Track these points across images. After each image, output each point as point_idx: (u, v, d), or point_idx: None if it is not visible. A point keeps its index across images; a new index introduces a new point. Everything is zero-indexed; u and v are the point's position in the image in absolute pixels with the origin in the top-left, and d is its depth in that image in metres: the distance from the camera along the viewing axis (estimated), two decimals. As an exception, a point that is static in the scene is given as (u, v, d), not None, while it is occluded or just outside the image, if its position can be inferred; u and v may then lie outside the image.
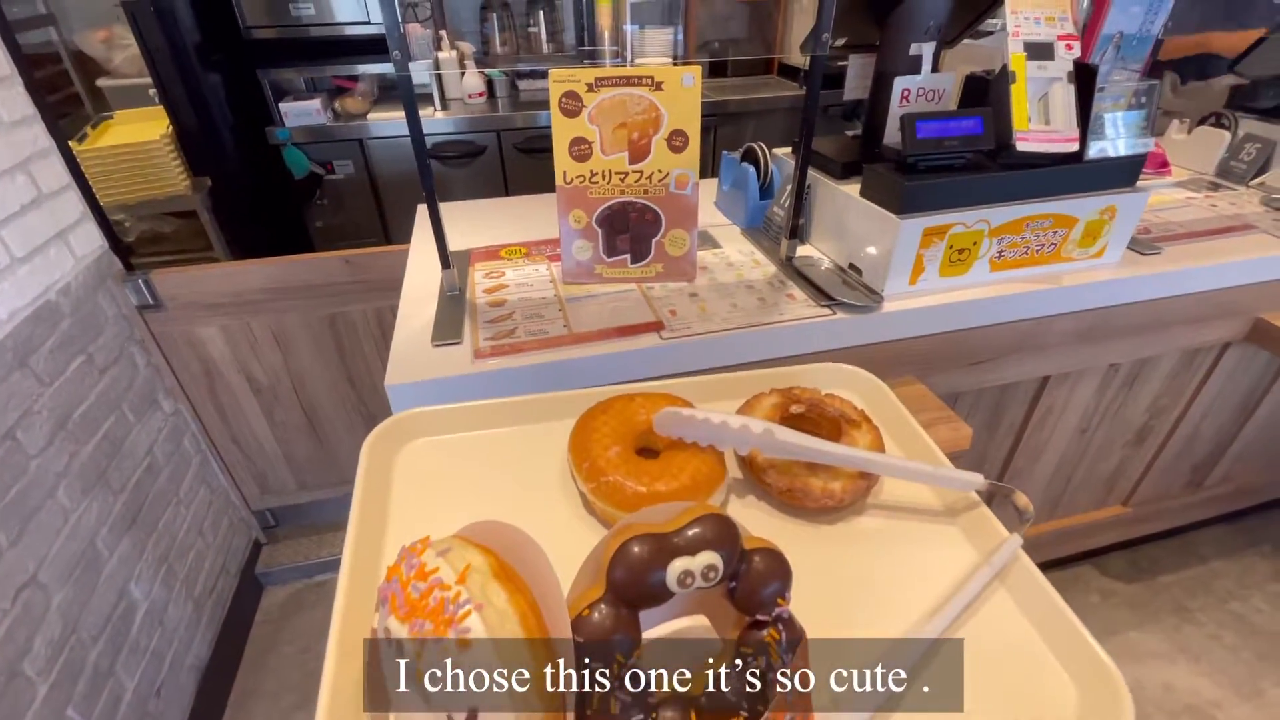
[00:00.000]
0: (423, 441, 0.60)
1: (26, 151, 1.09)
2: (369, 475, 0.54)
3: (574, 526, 0.52)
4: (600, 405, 0.58)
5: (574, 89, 0.92)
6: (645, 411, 0.56)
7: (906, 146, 0.86)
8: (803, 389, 0.59)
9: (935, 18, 0.96)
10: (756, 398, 0.59)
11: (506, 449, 0.60)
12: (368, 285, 1.34)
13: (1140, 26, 0.91)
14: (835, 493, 0.50)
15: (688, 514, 0.36)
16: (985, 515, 0.50)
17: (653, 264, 1.00)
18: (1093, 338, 1.08)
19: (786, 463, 0.52)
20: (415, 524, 0.51)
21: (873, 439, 0.55)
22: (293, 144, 2.09)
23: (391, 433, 0.59)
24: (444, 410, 0.61)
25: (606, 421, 0.55)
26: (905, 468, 0.51)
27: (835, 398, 0.59)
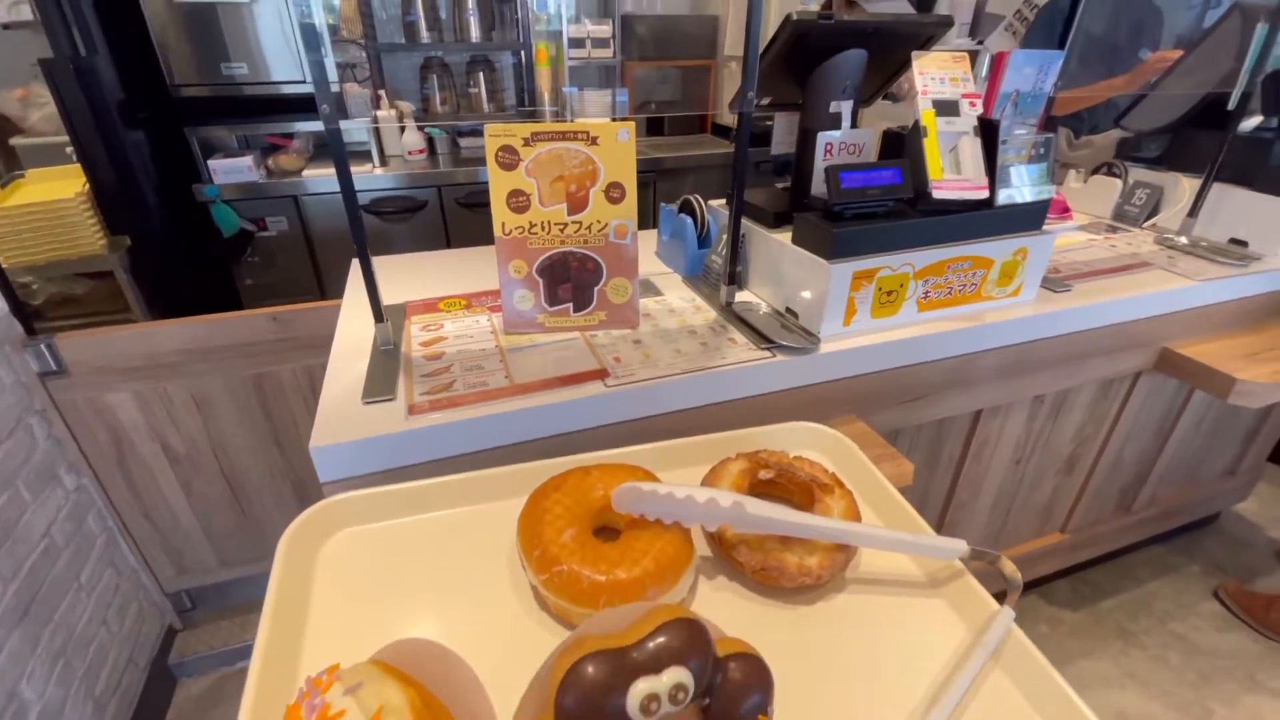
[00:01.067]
0: (350, 532, 0.55)
1: (-86, 210, 1.01)
2: (285, 577, 0.48)
3: (524, 627, 0.47)
4: (552, 481, 0.53)
5: (510, 143, 0.92)
6: (603, 486, 0.52)
7: (832, 196, 0.90)
8: (770, 452, 0.57)
9: (851, 78, 1.02)
10: (723, 464, 0.56)
11: (447, 536, 0.55)
12: (297, 343, 1.29)
13: (1034, 85, 0.99)
14: (812, 569, 0.47)
15: (650, 619, 0.32)
16: (972, 586, 0.48)
17: (596, 312, 1.00)
18: (1017, 372, 1.13)
19: (759, 538, 0.49)
20: (337, 633, 0.46)
21: (847, 505, 0.52)
22: (222, 201, 2.02)
23: (313, 524, 0.53)
24: (374, 494, 0.56)
25: (560, 500, 0.51)
26: (886, 538, 0.48)
27: (805, 461, 0.57)
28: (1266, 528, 1.94)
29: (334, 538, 0.54)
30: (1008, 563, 0.48)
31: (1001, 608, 0.45)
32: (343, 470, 0.75)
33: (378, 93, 2.30)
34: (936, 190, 0.92)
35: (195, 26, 1.94)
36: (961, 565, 0.49)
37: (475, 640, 0.44)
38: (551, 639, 0.35)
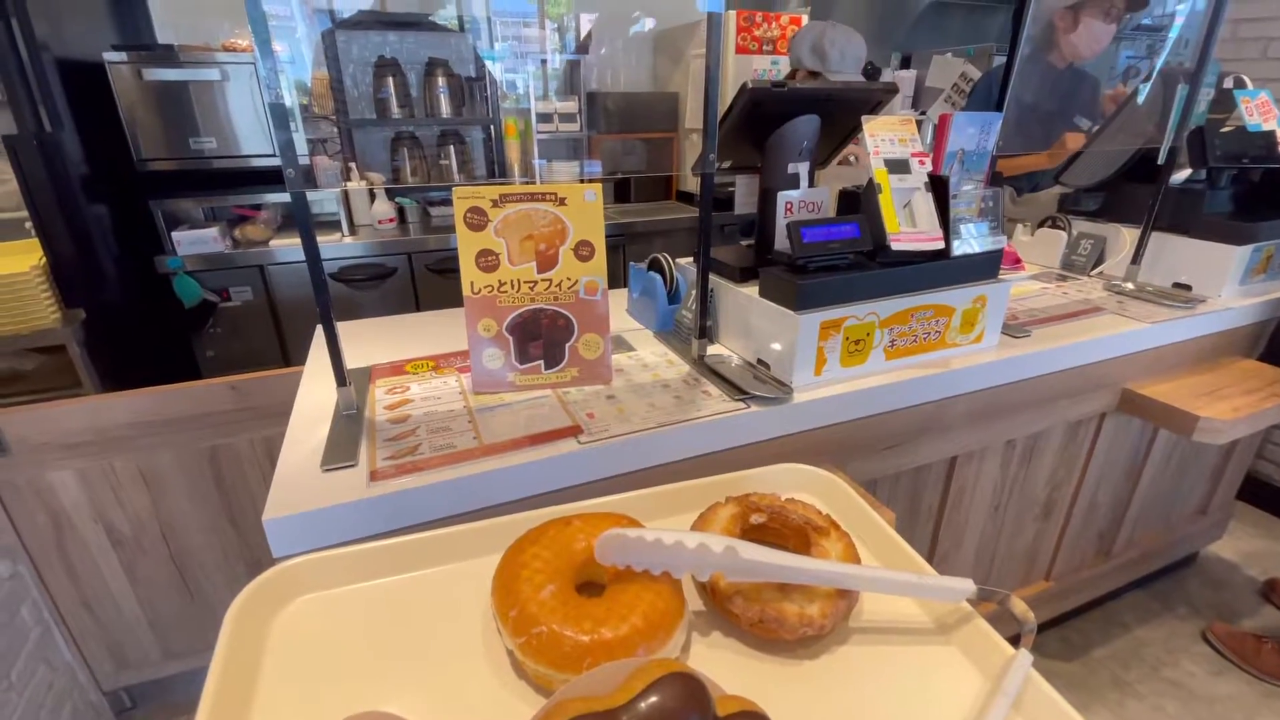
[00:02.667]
0: (306, 600, 0.51)
1: None
2: (233, 651, 0.43)
3: (499, 698, 0.43)
4: (530, 535, 0.50)
5: (479, 204, 0.94)
6: (585, 537, 0.49)
7: (795, 250, 0.92)
8: (761, 495, 0.55)
9: (807, 141, 1.07)
10: (712, 509, 0.54)
11: (414, 600, 0.51)
12: (257, 413, 1.24)
13: (977, 144, 1.05)
14: (814, 618, 0.44)
15: (641, 675, 0.29)
16: (983, 629, 0.45)
17: (568, 369, 0.99)
18: (987, 417, 1.14)
19: (754, 587, 0.46)
20: (290, 713, 0.42)
21: (844, 548, 0.50)
22: (185, 272, 2.00)
23: (266, 591, 0.49)
24: (334, 556, 0.52)
25: (538, 554, 0.47)
26: (890, 580, 0.46)
27: (797, 503, 0.54)
28: (1244, 566, 1.95)
29: (289, 606, 0.50)
30: (1018, 602, 0.46)
31: (1018, 651, 0.43)
32: (299, 544, 0.70)
33: (348, 165, 2.34)
34: (895, 242, 0.95)
35: (165, 103, 1.97)
36: (970, 607, 0.47)
37: (445, 713, 0.41)
38: (528, 709, 0.32)
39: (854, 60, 1.74)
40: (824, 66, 1.71)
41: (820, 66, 1.72)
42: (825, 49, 1.69)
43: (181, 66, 1.94)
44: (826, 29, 1.72)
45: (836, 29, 1.72)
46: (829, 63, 1.70)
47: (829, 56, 1.70)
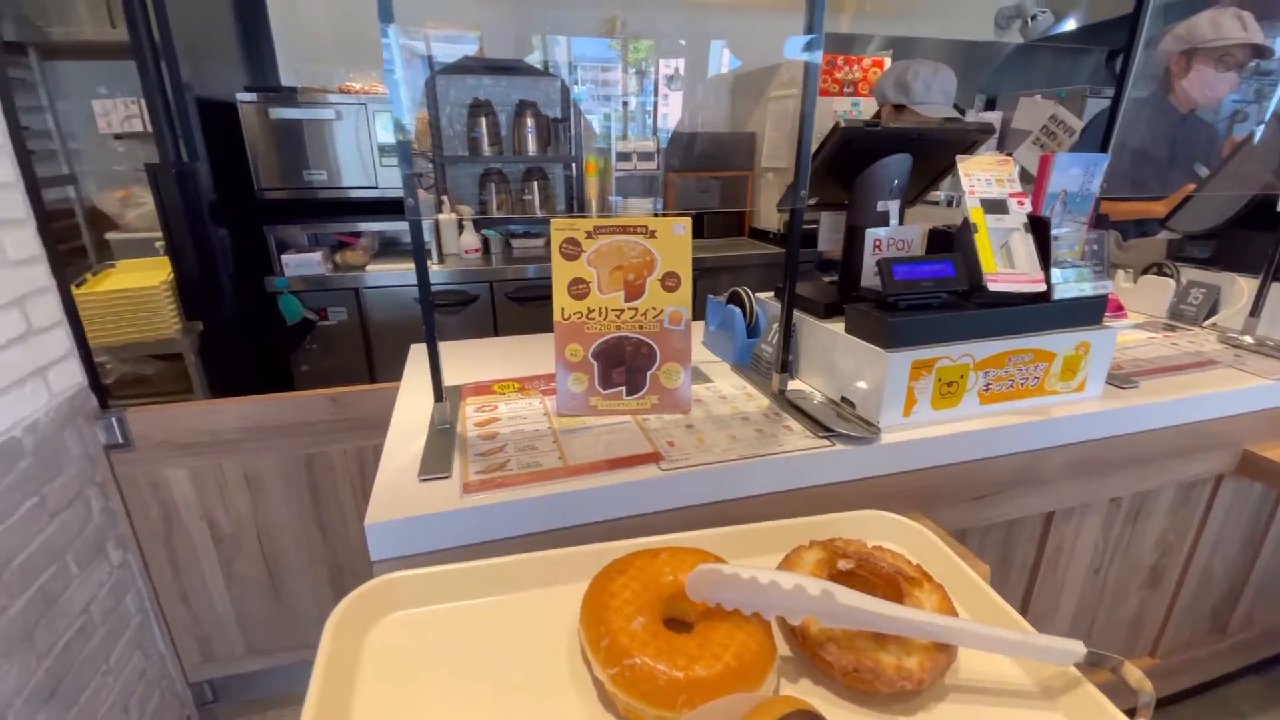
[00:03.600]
0: (400, 616, 0.52)
1: (25, 289, 1.10)
2: (332, 661, 0.45)
3: None
4: (617, 564, 0.50)
5: (574, 235, 0.98)
6: (672, 571, 0.49)
7: (886, 287, 0.91)
8: (847, 540, 0.53)
9: (898, 179, 1.07)
10: (796, 553, 0.53)
11: (503, 623, 0.51)
12: (351, 424, 1.31)
13: (1081, 186, 1.02)
14: (912, 672, 0.42)
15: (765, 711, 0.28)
16: (1094, 697, 0.42)
17: (648, 396, 1.00)
18: (1088, 471, 1.07)
19: (848, 634, 0.44)
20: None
21: (940, 600, 0.48)
22: (289, 292, 2.15)
23: (362, 606, 0.51)
24: (425, 575, 0.54)
25: (626, 584, 0.48)
26: (994, 637, 0.43)
27: (886, 551, 0.53)
28: (1386, 662, 1.71)
29: (383, 620, 0.52)
30: (1133, 669, 0.42)
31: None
32: (395, 549, 0.73)
33: (441, 198, 2.49)
34: (991, 283, 0.93)
35: (284, 138, 2.16)
36: (1078, 672, 0.44)
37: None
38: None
39: (942, 92, 1.73)
40: (908, 99, 1.71)
41: (905, 99, 1.72)
42: (909, 81, 1.70)
43: (300, 106, 2.14)
44: (911, 64, 1.73)
45: (922, 64, 1.72)
46: (913, 94, 1.71)
47: (913, 88, 1.70)
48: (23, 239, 1.12)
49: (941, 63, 1.74)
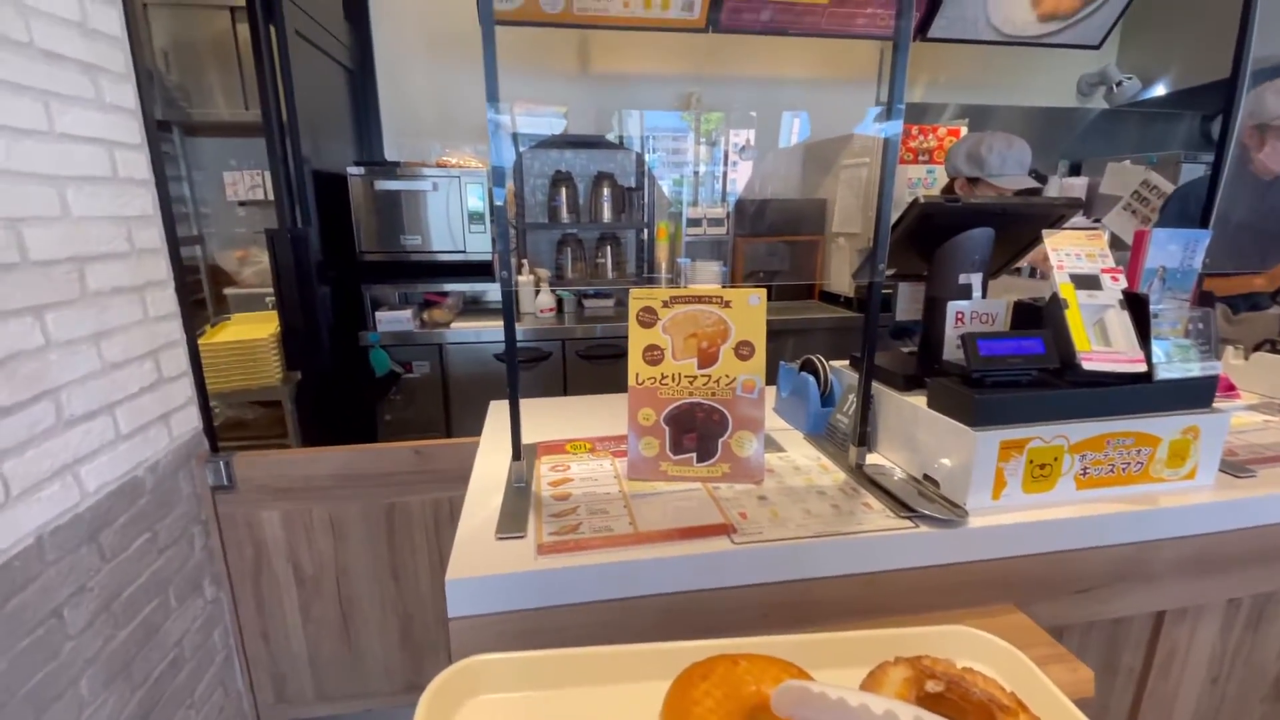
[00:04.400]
0: (487, 700, 0.53)
1: (161, 342, 1.24)
2: None
3: None
4: (699, 669, 0.50)
5: (650, 305, 1.01)
6: (754, 680, 0.48)
7: (971, 362, 0.89)
8: (935, 660, 0.51)
9: (980, 253, 1.05)
10: (881, 669, 0.51)
11: (585, 717, 0.52)
12: (432, 475, 1.37)
13: (1181, 262, 0.97)
14: None
15: None
16: None
17: (719, 464, 1.00)
18: (1202, 568, 0.97)
19: None
20: None
21: None
22: (380, 346, 2.30)
23: (451, 687, 0.53)
24: (513, 660, 0.55)
25: (709, 692, 0.47)
26: None
27: (978, 675, 0.50)
28: None
29: (470, 702, 0.53)
30: None
31: None
32: (471, 606, 0.75)
33: (521, 261, 2.63)
34: (1086, 361, 0.89)
35: (384, 206, 2.37)
36: None
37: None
38: None
39: (1016, 164, 1.70)
40: (982, 171, 1.70)
41: (979, 172, 1.71)
42: (982, 155, 1.68)
43: (401, 179, 2.34)
44: (984, 136, 1.71)
45: (995, 136, 1.71)
46: (987, 168, 1.69)
47: (987, 162, 1.68)
48: (164, 298, 1.26)
49: (1014, 134, 1.73)
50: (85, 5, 1.08)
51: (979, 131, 1.81)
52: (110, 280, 1.11)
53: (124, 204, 1.16)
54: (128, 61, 1.19)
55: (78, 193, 1.05)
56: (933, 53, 2.80)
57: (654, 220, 2.83)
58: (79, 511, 1.02)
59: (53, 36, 1.01)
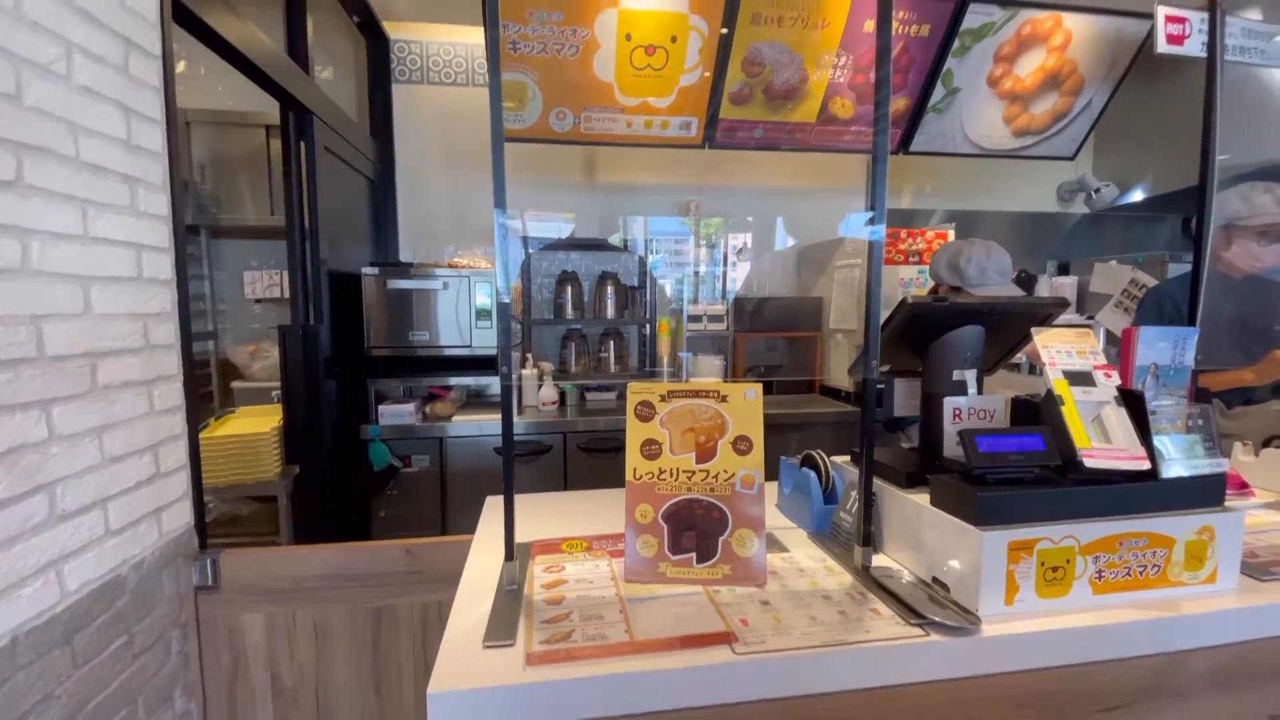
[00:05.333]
0: None
1: (163, 435, 1.24)
2: None
3: None
4: None
5: (648, 399, 1.02)
6: None
7: (971, 460, 0.88)
8: None
9: (972, 350, 1.07)
10: None
11: None
12: (422, 577, 1.32)
13: (1172, 359, 0.99)
14: None
15: None
16: None
17: (720, 565, 0.97)
18: (1237, 681, 0.91)
19: None
20: None
21: None
22: (381, 440, 2.30)
23: None
24: None
25: None
26: None
27: None
28: None
29: None
30: None
31: None
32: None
33: (525, 355, 2.67)
34: (1088, 459, 0.88)
35: (395, 304, 2.45)
36: None
37: None
38: None
39: (997, 273, 1.75)
40: (962, 282, 1.75)
41: (959, 282, 1.76)
42: (961, 266, 1.73)
43: (413, 278, 2.44)
44: (964, 246, 1.78)
45: (974, 245, 1.77)
46: (967, 279, 1.74)
47: (966, 273, 1.73)
48: (170, 391, 1.28)
49: (999, 239, 1.80)
50: (131, 125, 1.18)
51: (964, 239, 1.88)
52: (121, 375, 1.14)
53: (144, 301, 1.20)
54: (165, 174, 1.28)
55: (102, 291, 1.10)
56: (917, 163, 2.98)
57: (656, 316, 2.91)
58: (56, 612, 0.98)
59: (98, 151, 1.09)
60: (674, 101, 2.36)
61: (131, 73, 1.18)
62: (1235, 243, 1.67)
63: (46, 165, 0.98)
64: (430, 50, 2.93)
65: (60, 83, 1.01)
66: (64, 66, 1.02)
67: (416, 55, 2.93)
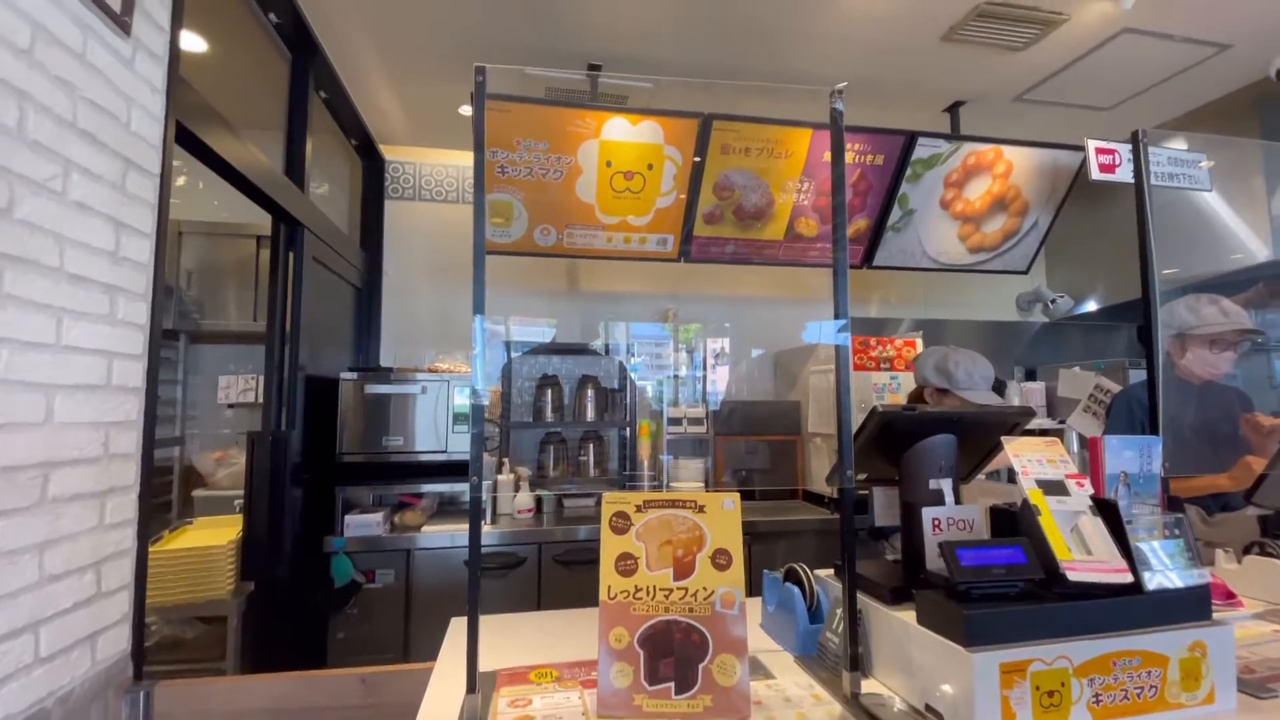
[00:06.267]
0: None
1: (109, 551, 1.17)
2: None
3: None
4: None
5: (624, 509, 1.00)
6: None
7: (954, 574, 0.86)
8: None
9: (945, 459, 1.08)
10: None
11: None
12: (378, 711, 1.20)
13: (1140, 467, 1.00)
14: None
15: None
16: None
17: (700, 696, 0.90)
18: (1263, 822, 0.84)
19: None
20: None
21: None
22: (344, 553, 2.18)
23: None
24: None
25: None
26: None
27: None
28: None
29: None
30: None
31: None
32: None
33: (503, 459, 2.62)
34: (1070, 572, 0.86)
35: (371, 409, 2.42)
36: None
37: None
38: None
39: (983, 379, 1.81)
40: (952, 384, 1.80)
41: (948, 384, 1.81)
42: (950, 369, 1.79)
43: (392, 383, 2.43)
44: (949, 351, 1.85)
45: (959, 351, 1.84)
46: (956, 381, 1.79)
47: (955, 376, 1.78)
48: (124, 504, 1.22)
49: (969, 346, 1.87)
50: (120, 238, 1.21)
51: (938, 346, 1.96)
52: (73, 486, 1.09)
53: (110, 410, 1.18)
54: (149, 283, 1.29)
55: (66, 400, 1.07)
56: (882, 276, 3.15)
57: (636, 419, 2.90)
58: (-45, 761, 0.87)
59: (83, 263, 1.11)
60: (651, 220, 2.50)
61: (127, 189, 1.22)
62: (1189, 350, 1.75)
63: (28, 276, 0.99)
64: (423, 170, 3.12)
65: (54, 199, 1.05)
66: (60, 184, 1.06)
67: (410, 175, 3.11)
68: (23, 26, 0.98)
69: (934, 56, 2.33)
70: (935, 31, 2.18)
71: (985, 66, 2.41)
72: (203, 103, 1.52)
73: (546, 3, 2.01)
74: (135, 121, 1.24)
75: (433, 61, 2.35)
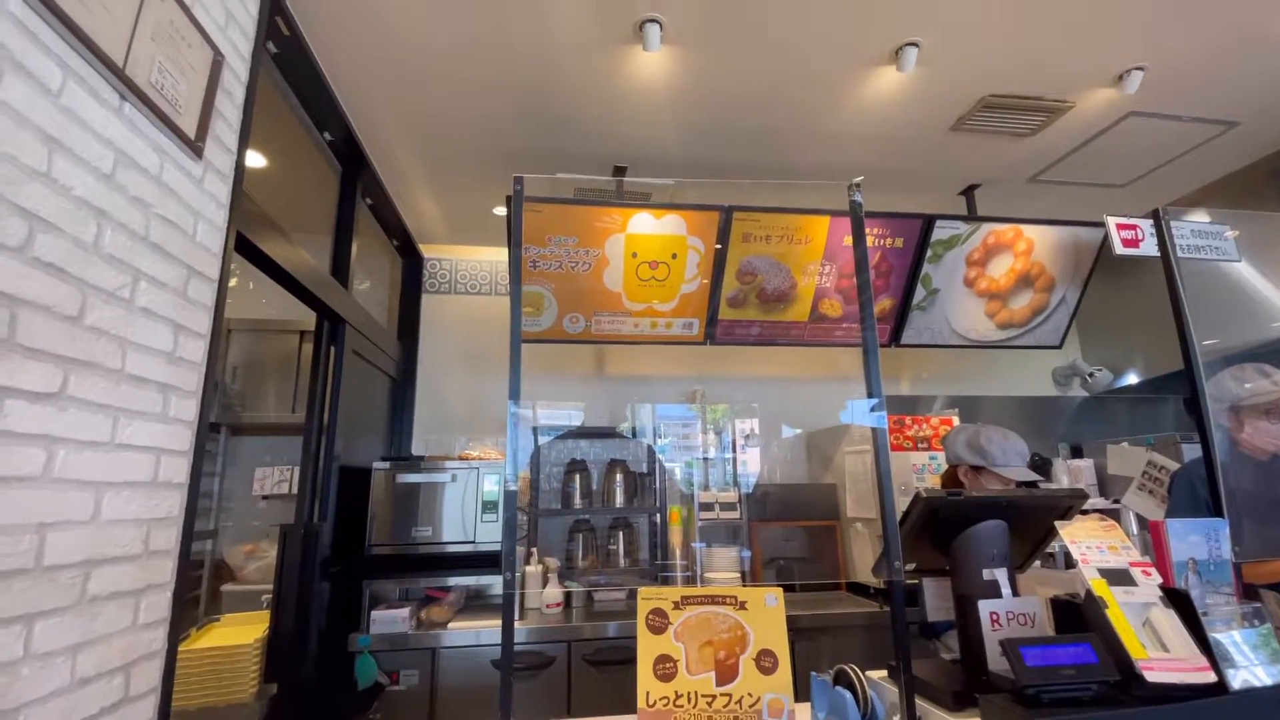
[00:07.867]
0: None
1: (139, 653, 1.15)
2: None
3: None
4: None
5: (661, 606, 0.96)
6: None
7: (1020, 677, 0.80)
8: None
9: (997, 546, 1.03)
10: None
11: None
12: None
13: (1209, 553, 0.94)
14: None
15: None
16: None
17: (749, 817, 0.83)
18: None
19: None
20: None
21: None
22: (369, 652, 2.12)
23: None
24: None
25: None
26: None
27: None
28: None
29: None
30: None
31: None
32: None
33: (530, 550, 2.57)
34: (1148, 672, 0.80)
35: (401, 499, 2.41)
36: None
37: None
38: None
39: (1017, 455, 1.75)
40: (987, 461, 1.74)
41: (983, 461, 1.75)
42: (983, 445, 1.74)
43: (423, 471, 2.44)
44: (980, 428, 1.80)
45: (990, 428, 1.79)
46: (992, 458, 1.73)
47: (989, 453, 1.73)
48: (159, 602, 1.22)
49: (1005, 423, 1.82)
50: (179, 339, 1.28)
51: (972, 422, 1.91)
52: (112, 584, 1.09)
53: (153, 506, 1.20)
54: (200, 381, 1.35)
55: (114, 497, 1.10)
56: (912, 354, 3.13)
57: (666, 504, 2.83)
58: None
59: (142, 364, 1.17)
60: (676, 305, 2.56)
61: (189, 295, 1.31)
62: (1247, 423, 1.68)
63: (91, 378, 1.05)
64: (459, 266, 3.28)
65: (122, 305, 1.12)
66: (128, 292, 1.14)
67: (446, 270, 3.27)
68: (106, 153, 1.08)
69: (945, 145, 2.42)
70: (944, 123, 2.28)
71: (996, 152, 2.49)
72: (261, 213, 1.64)
73: (574, 112, 2.18)
74: (200, 233, 1.34)
75: (470, 168, 2.53)
